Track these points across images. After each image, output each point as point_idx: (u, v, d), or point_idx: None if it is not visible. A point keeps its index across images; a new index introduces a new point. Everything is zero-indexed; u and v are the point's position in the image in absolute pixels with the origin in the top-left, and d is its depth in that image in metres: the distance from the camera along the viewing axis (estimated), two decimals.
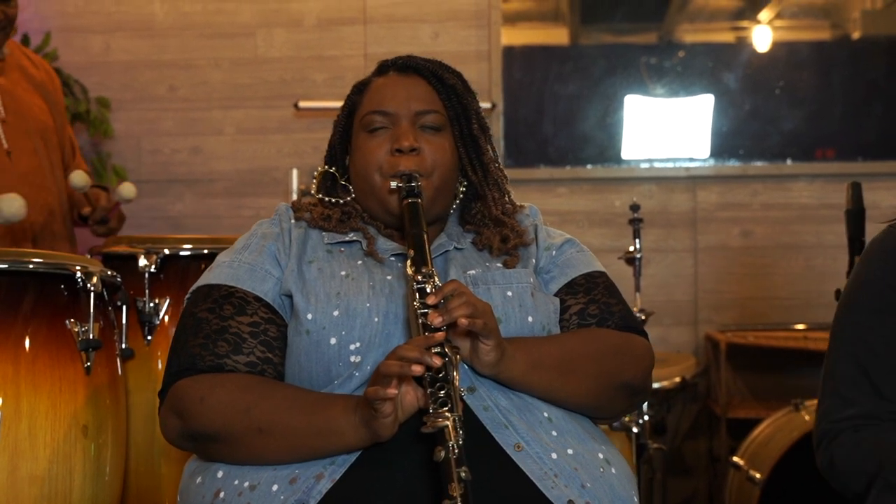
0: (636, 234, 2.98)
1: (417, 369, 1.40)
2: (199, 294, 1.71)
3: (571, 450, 1.55)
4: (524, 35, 4.40)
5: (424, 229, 1.65)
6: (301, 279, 1.66)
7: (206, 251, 2.55)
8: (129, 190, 2.86)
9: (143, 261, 2.47)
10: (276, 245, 1.73)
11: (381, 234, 1.78)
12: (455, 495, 1.32)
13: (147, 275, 2.47)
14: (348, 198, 1.82)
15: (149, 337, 2.47)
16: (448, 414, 1.39)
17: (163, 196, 4.28)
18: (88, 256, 2.55)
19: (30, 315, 2.05)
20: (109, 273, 2.23)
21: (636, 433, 2.85)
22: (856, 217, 2.44)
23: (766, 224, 4.21)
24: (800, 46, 4.38)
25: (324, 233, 1.77)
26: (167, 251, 2.52)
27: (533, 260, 1.78)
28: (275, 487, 1.49)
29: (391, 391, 1.41)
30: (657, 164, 4.27)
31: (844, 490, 1.71)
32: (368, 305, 1.61)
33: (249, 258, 1.72)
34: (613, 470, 1.58)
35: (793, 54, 4.34)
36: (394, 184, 1.72)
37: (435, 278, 1.55)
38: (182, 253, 2.54)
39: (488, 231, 1.78)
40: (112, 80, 4.26)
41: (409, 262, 1.58)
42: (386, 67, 1.84)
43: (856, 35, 4.40)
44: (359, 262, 1.70)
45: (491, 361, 1.55)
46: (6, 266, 2.06)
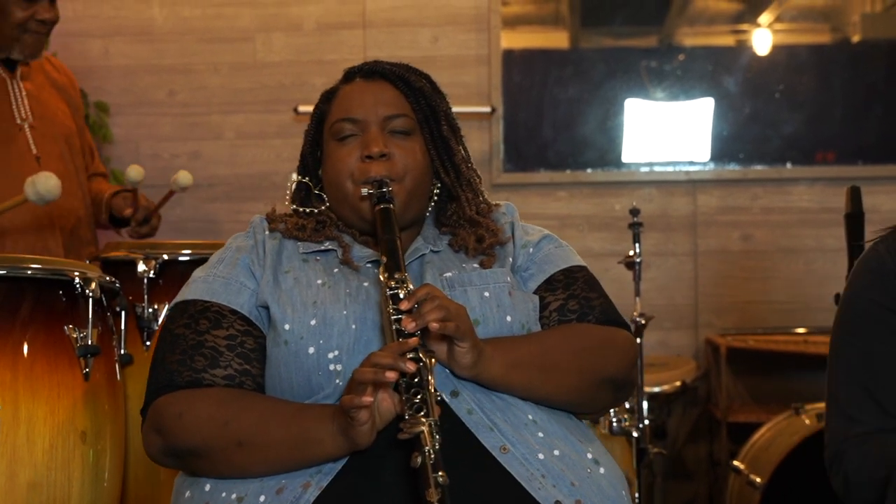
0: (636, 239, 2.98)
1: (391, 376, 1.40)
2: (176, 311, 1.71)
3: (558, 451, 1.55)
4: (524, 39, 4.40)
5: (397, 234, 1.65)
6: (277, 290, 1.66)
7: (205, 256, 2.54)
8: (186, 177, 2.93)
9: (142, 266, 2.48)
10: (250, 257, 1.73)
11: (357, 242, 1.77)
12: (432, 501, 1.32)
13: (146, 280, 2.48)
14: (322, 207, 1.82)
15: (147, 342, 2.47)
16: (423, 419, 1.39)
17: None
18: (87, 262, 2.55)
19: (28, 321, 2.06)
20: (108, 279, 2.24)
21: (636, 437, 2.84)
22: (855, 221, 2.43)
23: (767, 228, 4.21)
24: (800, 50, 4.38)
25: (299, 243, 1.76)
26: (166, 256, 2.53)
27: (510, 258, 1.77)
28: (262, 498, 1.49)
29: (366, 399, 1.41)
30: (657, 168, 4.27)
31: (861, 503, 1.70)
32: (345, 313, 1.61)
33: (224, 272, 1.72)
34: (602, 470, 1.58)
35: (793, 58, 4.34)
36: (365, 190, 1.72)
37: (408, 283, 1.55)
38: (181, 258, 2.55)
39: (463, 231, 1.78)
40: (111, 85, 4.26)
41: (382, 268, 1.58)
42: (352, 74, 1.84)
43: (856, 38, 4.40)
44: (335, 270, 1.70)
45: (468, 363, 1.54)
46: (4, 272, 2.07)
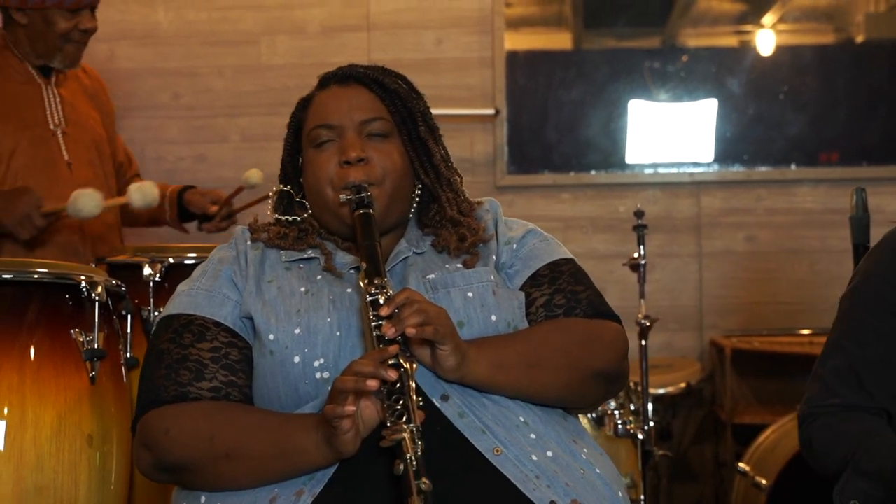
0: (640, 241, 2.98)
1: (372, 384, 1.40)
2: (161, 326, 1.72)
3: (551, 452, 1.55)
4: (527, 40, 4.40)
5: (376, 239, 1.64)
6: (260, 300, 1.66)
7: None
8: (256, 175, 3.01)
9: (148, 269, 2.48)
10: (232, 268, 1.73)
11: (340, 249, 1.77)
12: None
13: (152, 283, 2.47)
14: (304, 214, 1.81)
15: None
16: (405, 426, 1.39)
17: None
18: (92, 265, 2.56)
19: (35, 325, 2.07)
20: (114, 282, 2.24)
21: (641, 440, 2.84)
22: (860, 222, 2.44)
23: (771, 229, 4.21)
24: (803, 50, 4.38)
25: (281, 251, 1.76)
26: (171, 260, 2.52)
27: (493, 256, 1.76)
28: None
29: (348, 408, 1.41)
30: (661, 170, 4.27)
31: (821, 470, 1.77)
32: (329, 320, 1.61)
33: (206, 284, 1.72)
34: (597, 470, 1.57)
35: (796, 58, 4.34)
36: (344, 196, 1.71)
37: (388, 289, 1.55)
38: (186, 261, 2.54)
39: (445, 232, 1.77)
40: (116, 88, 4.24)
41: (362, 274, 1.58)
42: (327, 80, 1.83)
43: (859, 39, 4.40)
44: (318, 278, 1.70)
45: (452, 366, 1.54)
46: (11, 276, 2.07)
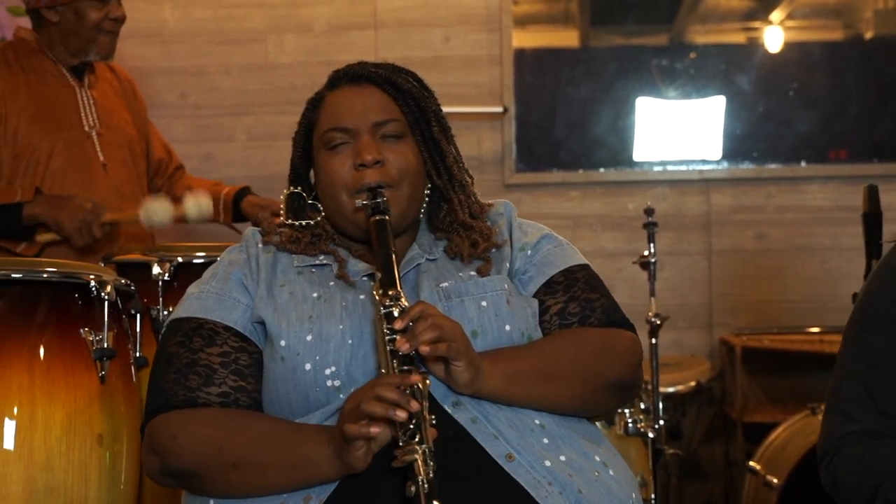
0: (651, 238, 2.97)
1: (401, 415, 1.39)
2: (170, 329, 1.70)
3: (564, 456, 1.54)
4: (534, 38, 4.38)
5: (392, 248, 1.62)
6: (272, 304, 1.64)
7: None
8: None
9: (157, 269, 2.47)
10: (243, 271, 1.71)
11: (353, 256, 1.74)
12: None
13: (161, 283, 2.47)
14: (318, 218, 1.79)
15: None
16: (417, 446, 1.38)
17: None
18: (101, 265, 2.55)
19: (44, 324, 2.07)
20: (123, 281, 2.24)
21: (652, 438, 2.83)
22: (873, 220, 2.43)
23: (781, 227, 4.19)
24: (812, 47, 4.36)
25: (293, 256, 1.74)
26: (180, 259, 2.52)
27: (507, 263, 1.74)
28: None
29: (373, 430, 1.40)
30: (670, 168, 4.26)
31: None
32: (341, 328, 1.59)
33: (216, 287, 1.70)
34: (611, 472, 1.56)
35: (806, 55, 4.32)
36: (359, 202, 1.69)
37: (402, 300, 1.52)
38: (195, 260, 2.54)
39: (458, 237, 1.74)
40: None
41: (377, 284, 1.56)
42: (338, 79, 1.79)
43: (868, 35, 4.38)
44: (331, 283, 1.68)
45: (466, 381, 1.53)
46: (20, 275, 2.07)
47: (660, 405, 2.96)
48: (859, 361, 1.72)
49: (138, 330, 2.38)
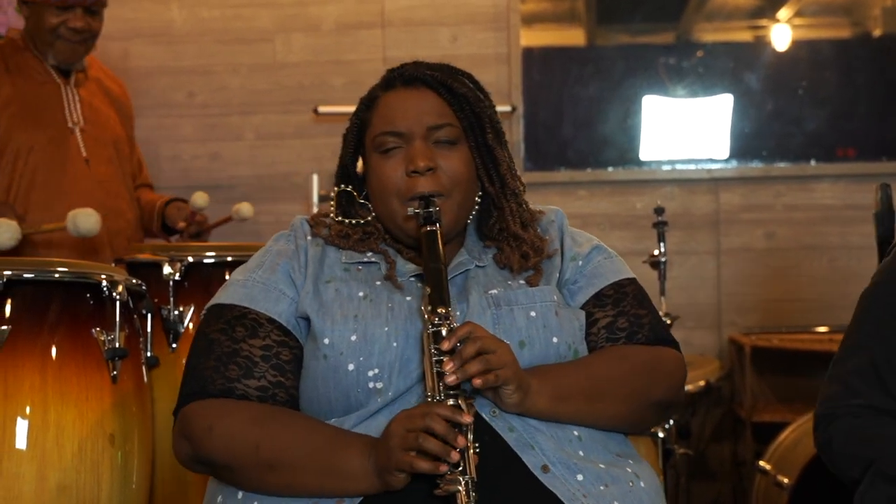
0: (661, 238, 2.96)
1: (455, 457, 1.38)
2: (212, 313, 1.68)
3: (599, 467, 1.54)
4: (539, 36, 4.37)
5: (443, 261, 1.59)
6: (317, 301, 1.63)
7: (230, 259, 2.56)
8: (248, 210, 3.07)
9: (168, 268, 2.48)
10: (291, 263, 1.69)
11: (402, 257, 1.72)
12: None
13: (171, 283, 2.47)
14: (369, 217, 1.76)
15: (174, 345, 2.47)
16: (461, 477, 1.37)
17: None
18: (113, 264, 2.56)
19: (56, 324, 2.07)
20: (134, 281, 2.24)
21: (662, 438, 2.82)
22: (885, 219, 2.41)
23: (790, 225, 4.18)
24: (821, 45, 4.35)
25: (341, 250, 1.72)
26: (191, 259, 2.52)
27: (557, 273, 1.72)
28: None
29: (424, 466, 1.39)
30: (679, 166, 4.25)
31: (839, 472, 1.74)
32: (387, 329, 1.58)
33: (263, 277, 1.68)
34: (642, 484, 1.56)
35: (814, 53, 4.31)
36: (411, 210, 1.66)
37: (452, 321, 1.50)
38: (205, 260, 2.55)
39: (508, 248, 1.72)
40: (130, 87, 4.22)
41: (426, 300, 1.54)
42: (392, 80, 1.75)
43: (877, 32, 4.37)
44: (377, 283, 1.66)
45: (514, 403, 1.52)
46: (32, 275, 2.07)
47: None
48: (871, 336, 1.74)
49: (149, 330, 2.39)
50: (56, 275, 2.09)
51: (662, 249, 2.98)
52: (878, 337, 1.73)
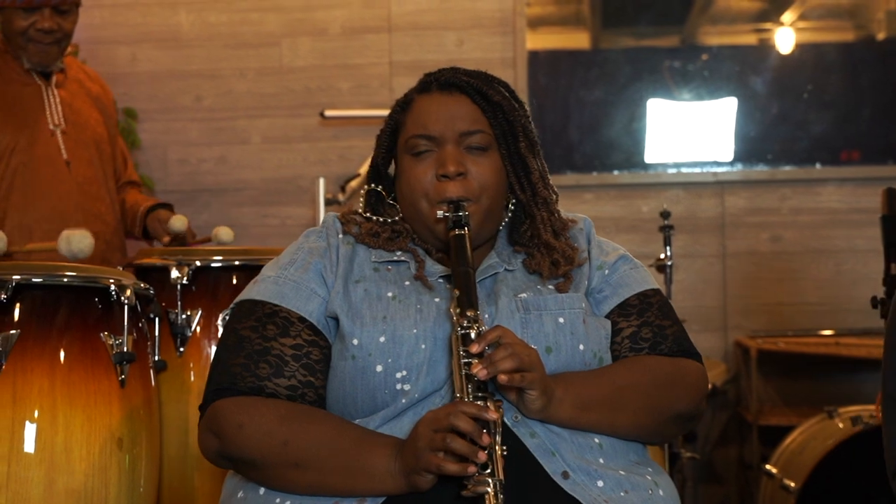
0: (667, 241, 2.97)
1: (483, 458, 1.38)
2: (243, 309, 1.68)
3: (619, 473, 1.54)
4: (544, 40, 4.38)
5: (471, 265, 1.60)
6: (347, 301, 1.63)
7: (238, 263, 2.55)
8: (227, 235, 2.97)
9: (175, 273, 2.47)
10: (323, 262, 1.69)
11: (431, 257, 1.73)
12: None
13: (179, 287, 2.47)
14: (397, 217, 1.77)
15: (181, 349, 2.47)
16: (489, 479, 1.38)
17: (189, 205, 4.28)
18: (120, 269, 2.56)
19: (64, 328, 2.07)
20: (142, 285, 2.24)
21: (668, 442, 2.83)
22: (892, 223, 2.42)
23: (796, 229, 4.18)
24: (824, 48, 4.35)
25: (371, 249, 1.72)
26: (199, 263, 2.52)
27: (585, 281, 1.72)
28: None
29: (452, 468, 1.39)
30: (684, 170, 4.25)
31: None
32: (415, 332, 1.58)
33: (295, 275, 1.68)
34: (661, 492, 1.57)
35: (818, 56, 4.31)
36: (440, 213, 1.67)
37: (480, 323, 1.51)
38: (213, 264, 2.54)
39: (538, 254, 1.72)
40: (138, 91, 4.28)
41: (455, 303, 1.54)
42: (428, 84, 1.75)
43: (881, 36, 4.37)
44: (406, 283, 1.67)
45: (537, 408, 1.52)
46: (41, 280, 2.08)
47: None
48: None
49: (157, 334, 2.39)
50: (64, 279, 2.10)
51: (669, 253, 2.98)
52: None
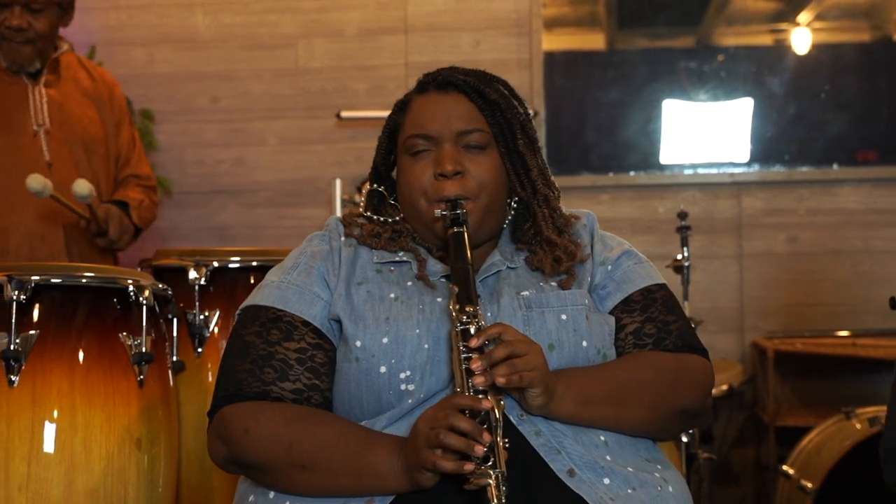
0: (684, 242, 2.96)
1: (479, 452, 1.38)
2: (248, 315, 1.69)
3: (627, 470, 1.54)
4: (559, 41, 4.37)
5: (469, 262, 1.60)
6: (349, 304, 1.64)
7: (255, 263, 2.57)
8: (81, 187, 2.80)
9: (193, 273, 2.49)
10: (325, 266, 1.70)
11: (432, 256, 1.73)
12: None
13: (197, 287, 2.48)
14: (398, 217, 1.78)
15: (199, 349, 2.48)
16: (491, 471, 1.37)
17: (206, 207, 4.30)
18: (139, 269, 2.57)
19: (83, 329, 2.08)
20: (160, 286, 2.25)
21: (686, 442, 2.83)
22: None
23: (813, 230, 4.17)
24: (841, 48, 4.33)
25: (373, 251, 1.73)
26: (216, 264, 2.53)
27: (588, 277, 1.72)
28: None
29: (449, 465, 1.39)
30: (701, 171, 4.24)
31: None
32: (418, 332, 1.59)
33: (298, 279, 1.69)
34: (671, 489, 1.56)
35: (835, 57, 4.29)
36: (438, 212, 1.67)
37: (479, 319, 1.51)
38: (231, 265, 2.55)
39: (541, 251, 1.72)
40: (155, 93, 4.29)
41: (454, 300, 1.54)
42: (426, 84, 1.77)
43: None
44: (409, 284, 1.68)
45: (539, 405, 1.52)
46: (59, 280, 2.09)
47: None
48: None
49: (175, 334, 2.40)
50: (83, 280, 2.11)
51: (686, 254, 2.97)
52: None
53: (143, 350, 2.11)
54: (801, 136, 4.24)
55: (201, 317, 2.48)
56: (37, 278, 2.05)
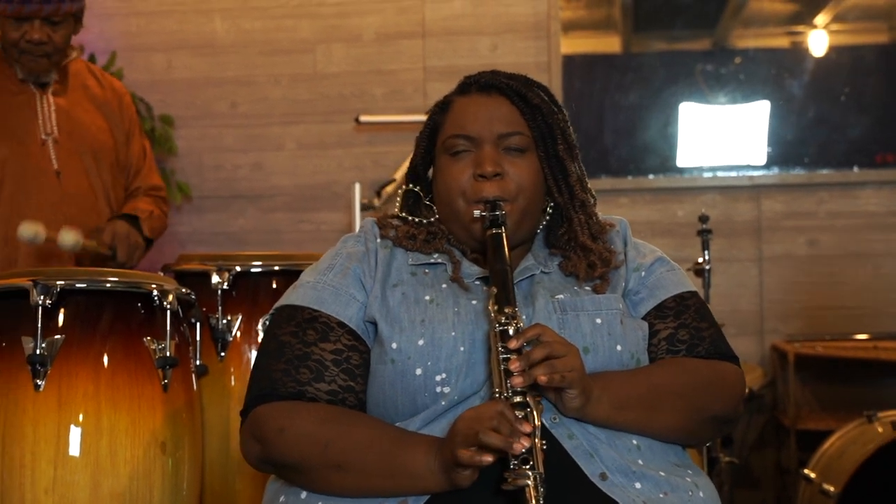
0: (705, 245, 2.95)
1: (518, 448, 1.37)
2: (283, 315, 1.69)
3: (659, 475, 1.54)
4: (575, 44, 4.37)
5: (508, 264, 1.60)
6: (385, 306, 1.64)
7: (277, 268, 2.58)
8: (68, 238, 2.74)
9: (216, 278, 2.50)
10: (362, 267, 1.70)
11: (467, 258, 1.73)
12: None
13: (220, 292, 2.49)
14: (433, 218, 1.78)
15: (222, 353, 2.49)
16: (529, 472, 1.37)
17: (225, 211, 4.32)
18: (161, 274, 2.58)
19: (108, 333, 2.09)
20: (184, 290, 2.26)
21: (707, 446, 2.82)
22: None
23: (833, 232, 4.15)
24: (860, 50, 4.33)
25: (409, 252, 1.73)
26: (239, 268, 2.54)
27: (622, 283, 1.72)
28: None
29: (487, 459, 1.38)
30: (720, 174, 4.24)
31: None
32: (454, 334, 1.59)
33: (334, 280, 1.69)
34: (701, 494, 1.56)
35: (852, 59, 4.28)
36: (477, 212, 1.68)
37: (519, 321, 1.51)
38: (253, 269, 2.56)
39: (575, 256, 1.72)
40: (174, 98, 4.31)
41: (492, 301, 1.54)
42: (468, 86, 1.78)
43: None
44: (443, 286, 1.67)
45: (575, 407, 1.52)
46: (84, 285, 2.10)
47: None
48: None
49: (198, 338, 2.41)
50: (108, 284, 2.12)
51: (707, 257, 2.97)
52: None
53: (168, 354, 2.12)
54: (821, 139, 4.23)
55: (224, 321, 2.49)
56: (62, 283, 2.06)
